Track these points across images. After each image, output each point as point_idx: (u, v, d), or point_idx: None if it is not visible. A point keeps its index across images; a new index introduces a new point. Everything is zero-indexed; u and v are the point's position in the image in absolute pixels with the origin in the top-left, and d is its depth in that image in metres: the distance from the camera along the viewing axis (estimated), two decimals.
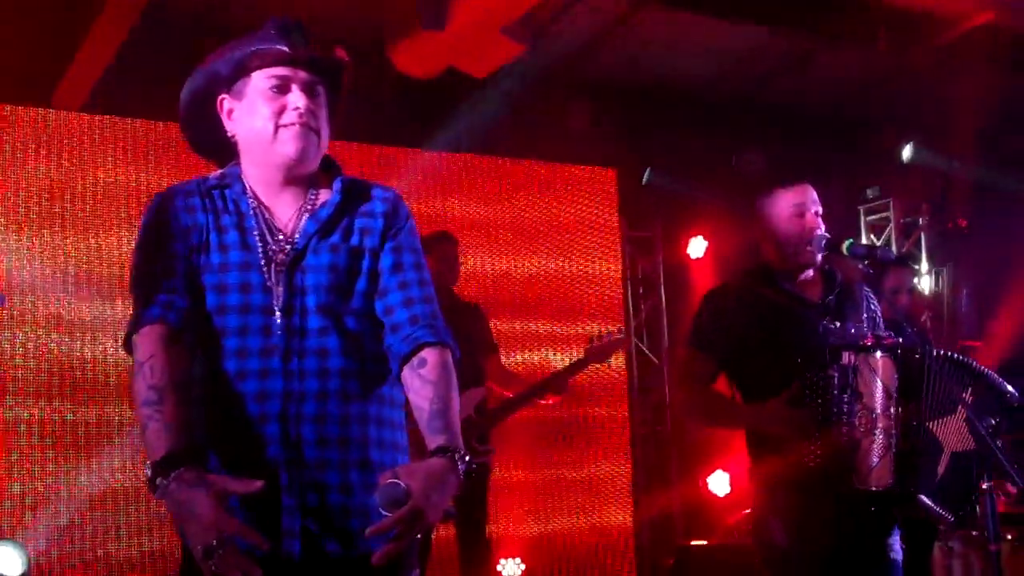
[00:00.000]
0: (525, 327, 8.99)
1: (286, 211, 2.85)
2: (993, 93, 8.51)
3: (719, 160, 9.54)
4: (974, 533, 7.07)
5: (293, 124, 2.79)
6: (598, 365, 6.74)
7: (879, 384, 3.69)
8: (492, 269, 8.97)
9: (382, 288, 2.86)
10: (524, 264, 9.13)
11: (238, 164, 2.92)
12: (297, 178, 2.87)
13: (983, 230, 9.90)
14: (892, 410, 3.68)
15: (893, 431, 3.68)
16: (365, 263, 2.85)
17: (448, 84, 7.89)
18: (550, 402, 6.86)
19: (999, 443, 3.68)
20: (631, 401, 9.54)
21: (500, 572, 8.41)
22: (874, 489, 3.68)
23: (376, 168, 8.54)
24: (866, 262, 3.99)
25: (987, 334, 9.45)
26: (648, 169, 9.44)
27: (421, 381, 2.74)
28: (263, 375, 2.70)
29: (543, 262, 9.22)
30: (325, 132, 2.88)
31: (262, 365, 2.70)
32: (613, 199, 9.63)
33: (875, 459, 3.67)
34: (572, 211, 9.41)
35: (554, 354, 8.94)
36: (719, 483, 9.27)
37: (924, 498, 3.74)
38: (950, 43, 7.74)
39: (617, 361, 9.03)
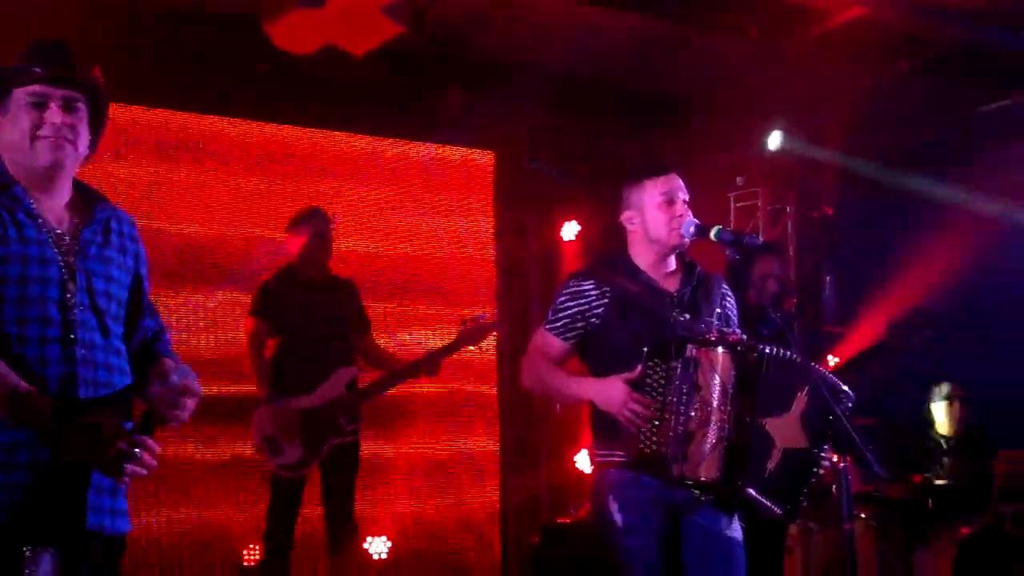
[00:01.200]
0: (399, 308, 9.00)
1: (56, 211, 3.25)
2: (862, 85, 8.73)
3: (592, 144, 9.63)
4: (831, 511, 7.31)
5: (47, 137, 3.17)
6: (470, 347, 6.79)
7: (717, 379, 3.82)
8: (368, 249, 8.94)
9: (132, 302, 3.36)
10: (399, 244, 9.12)
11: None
12: (57, 183, 3.25)
13: (848, 219, 10.17)
14: (727, 405, 3.80)
15: (726, 425, 3.80)
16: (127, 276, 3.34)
17: (326, 62, 7.85)
18: (422, 382, 6.91)
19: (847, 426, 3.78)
20: (500, 382, 9.60)
21: (367, 550, 8.43)
22: (703, 479, 3.80)
23: (253, 146, 8.46)
24: (734, 249, 4.08)
25: (850, 321, 9.74)
26: (527, 155, 9.49)
27: None
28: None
29: (418, 243, 9.23)
30: (83, 141, 3.25)
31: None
32: (489, 182, 9.66)
33: (706, 450, 3.79)
34: (448, 193, 9.42)
35: (427, 335, 8.96)
36: (586, 461, 9.36)
37: (751, 491, 3.87)
38: (822, 34, 7.90)
39: (488, 343, 9.08)
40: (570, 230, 10.01)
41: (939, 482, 7.53)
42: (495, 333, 8.19)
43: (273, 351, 6.60)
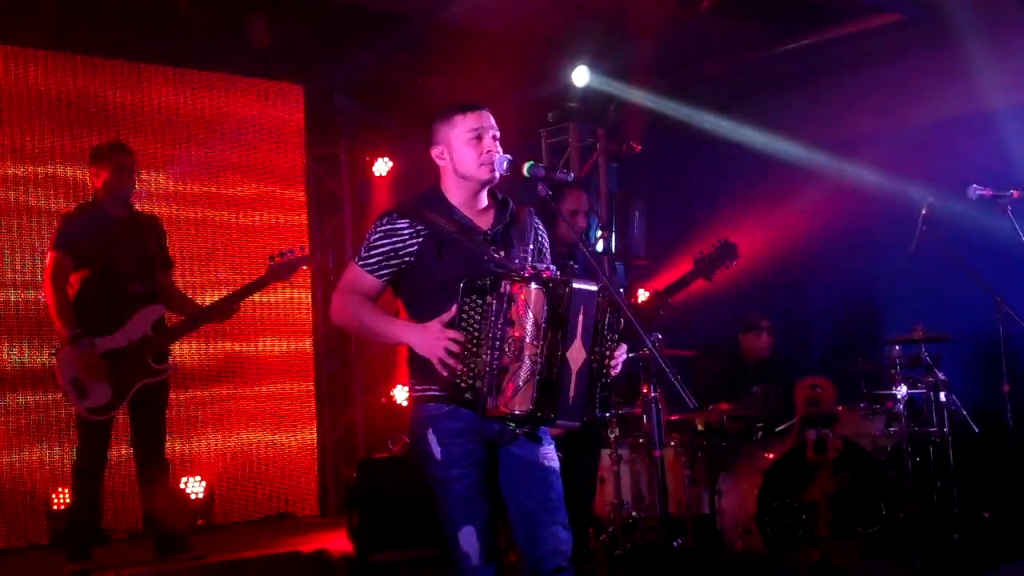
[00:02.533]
0: (207, 244, 8.85)
1: None
2: (670, 23, 8.85)
3: (403, 79, 9.57)
4: (640, 440, 7.50)
5: None
6: (281, 283, 6.71)
7: (531, 315, 3.85)
8: (173, 184, 8.74)
9: None
10: (207, 174, 8.94)
11: None
12: None
13: (655, 155, 10.35)
14: (540, 340, 3.86)
15: (539, 360, 3.85)
16: None
17: None
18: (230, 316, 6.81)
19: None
20: (315, 319, 9.55)
21: (183, 490, 8.32)
22: (516, 412, 3.86)
23: (53, 72, 8.17)
24: (545, 184, 4.11)
25: (659, 255, 9.95)
26: (337, 96, 9.38)
27: None
28: None
29: (227, 174, 9.06)
30: None
31: None
32: (299, 116, 9.54)
33: (520, 384, 3.85)
34: (257, 126, 9.27)
35: (237, 274, 8.84)
36: (403, 396, 9.40)
37: (561, 421, 3.97)
38: None
39: (301, 278, 9.01)
40: (383, 166, 9.96)
41: (746, 411, 7.78)
42: (307, 268, 8.13)
43: (76, 289, 6.39)
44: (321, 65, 9.34)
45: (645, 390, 3.84)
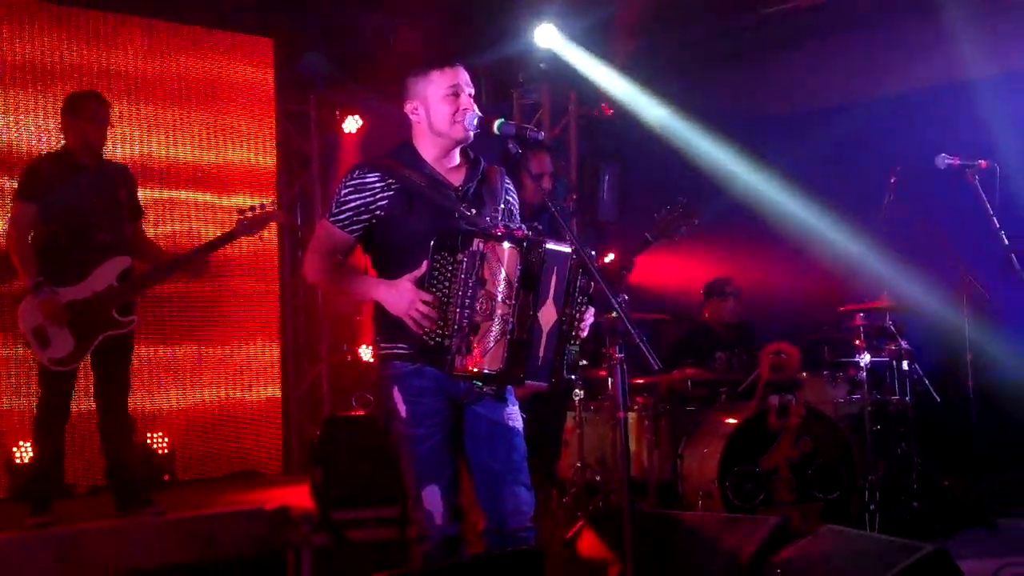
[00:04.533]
0: (175, 196, 8.78)
1: None
2: None
3: (375, 35, 9.49)
4: (605, 403, 7.53)
5: None
6: (249, 238, 6.67)
7: (503, 273, 3.84)
8: (143, 133, 8.67)
9: None
10: (176, 129, 8.87)
11: None
12: None
13: (626, 118, 10.32)
14: (512, 299, 3.85)
15: (511, 319, 3.85)
16: None
17: None
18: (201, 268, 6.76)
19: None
20: (282, 276, 9.51)
21: (148, 444, 8.29)
22: (486, 371, 3.85)
23: (17, 21, 8.06)
24: (516, 142, 4.08)
25: (628, 217, 9.94)
26: (307, 53, 9.30)
27: None
28: None
29: (196, 128, 8.99)
30: None
31: None
32: (269, 70, 9.46)
33: (490, 343, 3.84)
34: (228, 79, 9.21)
35: (205, 226, 8.79)
36: (369, 354, 9.38)
37: (530, 382, 3.97)
38: None
39: (269, 235, 8.97)
40: (352, 123, 9.91)
41: (711, 375, 7.82)
42: (275, 223, 8.08)
43: (42, 238, 6.33)
44: (292, 19, 9.25)
45: (611, 352, 3.85)
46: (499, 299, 3.84)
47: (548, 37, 9.33)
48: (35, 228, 6.32)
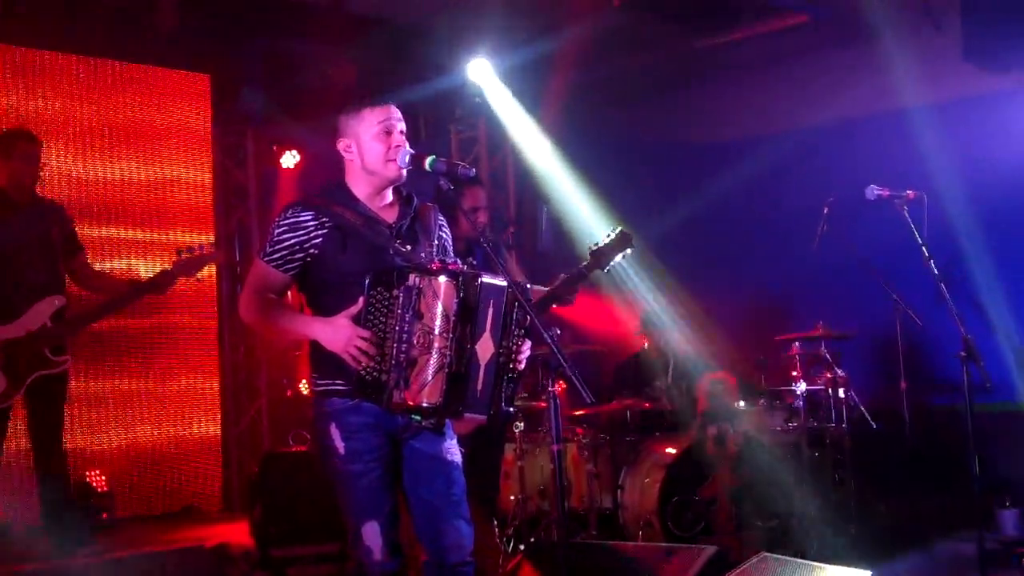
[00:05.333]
0: (112, 233, 8.73)
1: None
2: (581, 18, 8.88)
3: (311, 69, 9.48)
4: (545, 435, 7.54)
5: None
6: (188, 278, 6.64)
7: (440, 307, 3.85)
8: (78, 172, 8.61)
9: None
10: (112, 168, 8.81)
11: None
12: None
13: (568, 148, 10.37)
14: (449, 332, 3.86)
15: (448, 352, 3.86)
16: None
17: None
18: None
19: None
20: (220, 311, 9.46)
21: (87, 483, 8.20)
22: (424, 405, 3.86)
23: None
24: (447, 179, 4.10)
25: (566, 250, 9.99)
26: (245, 89, 9.28)
27: None
28: None
29: (133, 167, 8.94)
30: None
31: None
32: (206, 105, 9.43)
33: (428, 377, 3.84)
34: (164, 115, 9.15)
35: (142, 263, 8.73)
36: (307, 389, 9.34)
37: (469, 414, 3.97)
38: None
39: (207, 270, 8.91)
40: (290, 159, 9.90)
41: (649, 404, 7.85)
42: (214, 264, 8.04)
43: None
44: (229, 53, 9.22)
45: (545, 384, 3.89)
46: (436, 332, 3.85)
47: (481, 72, 9.36)
48: None
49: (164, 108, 9.14)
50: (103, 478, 8.37)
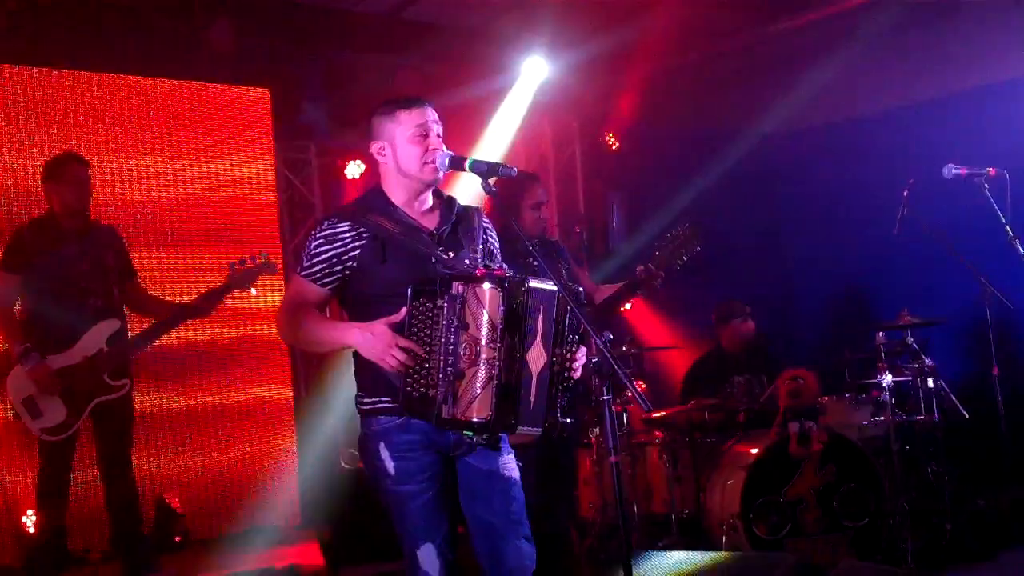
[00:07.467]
0: (173, 256, 8.61)
1: None
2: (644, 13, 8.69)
3: (373, 78, 9.39)
4: (622, 437, 7.35)
5: None
6: (243, 290, 6.55)
7: (486, 316, 3.63)
8: (138, 196, 8.52)
9: None
10: (173, 189, 8.71)
11: None
12: None
13: (632, 149, 10.17)
14: (497, 342, 3.64)
15: (496, 363, 3.63)
16: None
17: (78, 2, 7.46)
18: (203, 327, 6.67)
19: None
20: None
21: (155, 507, 8.11)
22: (474, 420, 3.64)
23: (8, 89, 7.94)
24: (489, 180, 3.90)
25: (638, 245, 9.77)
26: (306, 104, 9.21)
27: None
28: None
29: (194, 187, 8.83)
30: None
31: None
32: (267, 120, 9.32)
33: (477, 390, 3.63)
34: (224, 133, 9.04)
35: (206, 282, 8.62)
36: None
37: (523, 428, 3.75)
38: None
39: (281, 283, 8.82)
40: (355, 169, 9.78)
41: (730, 404, 7.60)
42: (274, 274, 7.93)
43: (30, 306, 6.23)
44: (287, 69, 9.16)
45: (603, 391, 3.71)
46: (483, 343, 3.63)
47: (541, 69, 9.19)
48: (22, 297, 6.24)
49: (223, 125, 9.03)
50: (176, 500, 8.27)
